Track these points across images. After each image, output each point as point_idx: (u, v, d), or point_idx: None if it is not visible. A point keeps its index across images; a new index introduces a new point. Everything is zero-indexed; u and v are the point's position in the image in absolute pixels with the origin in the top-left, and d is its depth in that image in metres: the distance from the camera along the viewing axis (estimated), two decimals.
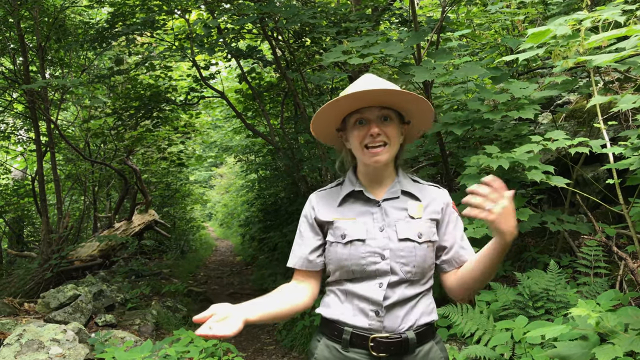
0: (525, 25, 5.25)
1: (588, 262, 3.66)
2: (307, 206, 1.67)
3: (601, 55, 1.92)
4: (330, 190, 1.67)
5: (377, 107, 1.54)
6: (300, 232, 1.65)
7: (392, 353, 1.51)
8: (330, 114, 1.58)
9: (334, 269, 1.57)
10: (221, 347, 4.03)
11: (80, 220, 9.58)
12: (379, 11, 6.50)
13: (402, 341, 1.51)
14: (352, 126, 1.57)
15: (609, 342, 2.27)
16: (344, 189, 1.64)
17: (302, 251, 1.62)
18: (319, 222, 1.62)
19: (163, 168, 11.88)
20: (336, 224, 1.57)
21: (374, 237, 1.53)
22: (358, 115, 1.55)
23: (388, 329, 1.51)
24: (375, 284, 1.52)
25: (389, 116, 1.56)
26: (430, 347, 1.57)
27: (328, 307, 1.60)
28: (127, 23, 6.46)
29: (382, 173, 1.61)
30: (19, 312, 5.24)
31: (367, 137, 1.53)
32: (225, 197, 21.81)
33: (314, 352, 1.61)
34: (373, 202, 1.59)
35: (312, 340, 1.67)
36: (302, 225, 1.66)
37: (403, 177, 1.64)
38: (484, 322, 3.32)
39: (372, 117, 1.54)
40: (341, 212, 1.60)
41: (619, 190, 3.11)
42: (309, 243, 1.62)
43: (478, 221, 3.57)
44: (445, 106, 4.86)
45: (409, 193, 1.61)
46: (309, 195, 1.72)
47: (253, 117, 9.59)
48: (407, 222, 1.55)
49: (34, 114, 7.15)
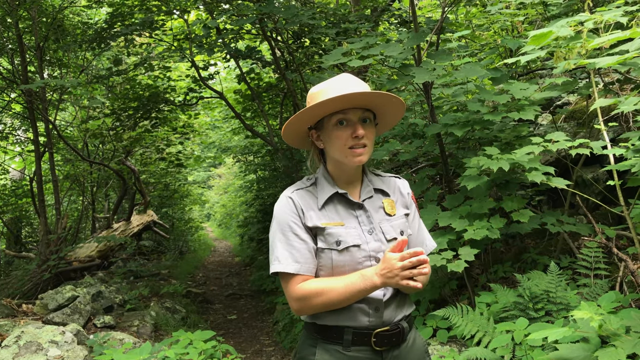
0: (525, 26, 5.25)
1: (588, 264, 3.65)
2: (291, 207, 1.57)
3: (604, 57, 1.91)
4: (307, 190, 1.62)
5: (360, 108, 1.55)
6: (294, 234, 1.54)
7: (393, 344, 1.57)
8: (311, 113, 1.57)
9: (327, 275, 1.56)
10: (220, 349, 4.03)
11: (79, 220, 9.55)
12: (378, 12, 6.50)
13: (400, 331, 1.58)
14: (333, 126, 1.56)
15: (611, 345, 2.26)
16: (322, 190, 1.60)
17: (304, 256, 1.53)
18: (308, 225, 1.56)
19: (162, 168, 11.86)
20: (328, 230, 1.55)
21: (367, 241, 1.56)
22: (341, 116, 1.55)
23: (386, 322, 1.56)
24: None
25: (369, 118, 1.58)
26: (415, 334, 1.68)
27: (322, 316, 1.56)
28: (125, 23, 6.44)
29: (354, 173, 1.64)
30: (17, 314, 5.22)
31: (351, 138, 1.54)
32: (223, 198, 21.79)
33: (311, 358, 1.58)
34: (355, 205, 1.60)
35: (303, 348, 1.62)
36: (293, 226, 1.55)
37: (370, 174, 1.69)
38: (484, 323, 3.31)
39: (355, 118, 1.55)
40: (327, 216, 1.57)
41: (620, 191, 3.11)
42: (307, 246, 1.54)
43: (478, 222, 3.57)
44: (445, 107, 4.85)
45: (380, 190, 1.66)
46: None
47: (252, 118, 9.58)
48: (388, 221, 1.61)
49: (32, 114, 7.13)
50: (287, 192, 1.62)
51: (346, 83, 1.56)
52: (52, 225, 7.60)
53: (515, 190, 3.88)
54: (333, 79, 1.60)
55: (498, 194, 4.23)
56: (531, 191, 4.67)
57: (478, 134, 4.25)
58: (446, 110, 4.81)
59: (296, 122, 1.59)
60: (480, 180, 3.50)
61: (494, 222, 3.57)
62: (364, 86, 1.57)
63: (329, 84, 1.58)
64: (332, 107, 1.53)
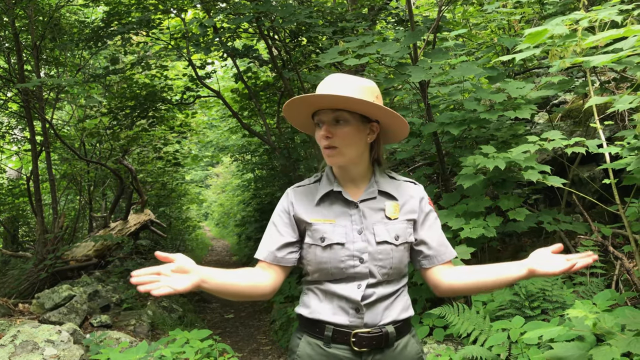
0: (522, 25, 5.25)
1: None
2: (284, 201, 1.65)
3: (599, 55, 1.91)
4: (308, 187, 1.66)
5: (330, 109, 1.54)
6: (275, 226, 1.62)
7: (373, 347, 1.54)
8: (297, 112, 1.61)
9: (313, 270, 1.58)
10: (217, 348, 4.02)
11: (76, 220, 9.54)
12: (375, 11, 6.50)
13: (382, 335, 1.54)
14: (315, 126, 1.60)
15: (606, 343, 2.27)
16: (321, 187, 1.63)
17: (272, 245, 1.60)
18: (297, 220, 1.61)
19: (159, 168, 11.83)
20: (315, 226, 1.57)
21: (353, 241, 1.54)
22: (317, 117, 1.58)
23: (369, 324, 1.54)
24: (354, 285, 1.54)
25: (343, 118, 1.54)
26: (407, 340, 1.61)
27: (308, 307, 1.60)
28: (122, 22, 6.43)
29: (353, 172, 1.61)
30: (13, 313, 5.21)
31: (322, 139, 1.55)
32: (221, 197, 21.77)
33: (295, 350, 1.62)
34: (351, 204, 1.59)
35: (292, 338, 1.67)
36: (277, 219, 1.63)
37: (380, 176, 1.64)
38: (480, 322, 3.32)
39: (326, 119, 1.55)
40: (319, 212, 1.59)
41: (616, 190, 3.11)
42: (280, 239, 1.60)
43: (474, 221, 3.58)
44: (442, 106, 4.85)
45: (385, 193, 1.61)
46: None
47: (249, 117, 9.56)
48: (384, 224, 1.57)
49: (29, 113, 7.11)
50: (289, 187, 1.69)
51: (328, 84, 1.55)
52: (49, 225, 7.57)
53: (511, 188, 3.89)
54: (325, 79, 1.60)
55: (494, 192, 4.24)
56: (527, 190, 4.68)
57: (474, 133, 4.26)
58: (443, 109, 4.81)
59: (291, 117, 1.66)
60: (476, 179, 3.50)
61: (491, 221, 3.58)
62: (339, 88, 1.52)
63: (320, 85, 1.59)
64: (301, 108, 1.58)
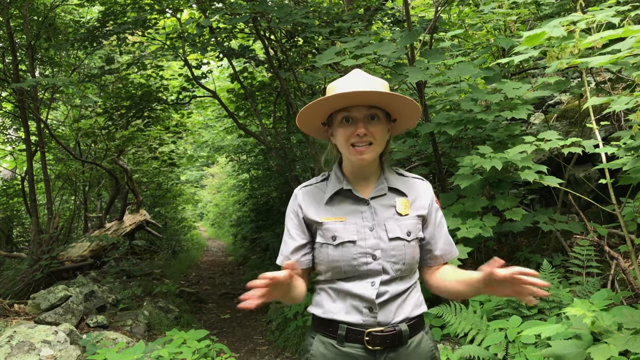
0: (518, 25, 5.27)
1: (580, 262, 3.68)
2: (293, 203, 1.65)
3: (597, 57, 1.92)
4: (315, 186, 1.66)
5: (365, 106, 1.53)
6: (288, 230, 1.64)
7: (386, 345, 1.53)
8: (317, 110, 1.57)
9: (326, 270, 1.58)
10: (214, 348, 4.02)
11: (71, 220, 9.49)
12: (372, 11, 6.50)
13: (396, 334, 1.54)
14: (339, 123, 1.56)
15: (604, 342, 2.28)
16: (330, 185, 1.62)
17: (286, 250, 1.62)
18: (307, 221, 1.61)
19: (154, 168, 11.80)
20: (325, 225, 1.56)
21: (365, 238, 1.54)
22: (345, 113, 1.54)
23: (382, 323, 1.53)
24: (368, 282, 1.53)
25: (377, 115, 1.54)
26: (421, 338, 1.61)
27: (321, 306, 1.60)
28: (118, 22, 6.40)
29: (367, 169, 1.61)
30: (8, 314, 5.18)
31: (353, 136, 1.52)
32: (216, 197, 21.74)
33: (309, 349, 1.61)
34: (362, 201, 1.58)
35: (306, 337, 1.67)
36: (289, 221, 1.64)
37: (389, 173, 1.65)
38: (477, 321, 3.33)
39: (360, 116, 1.53)
40: (330, 211, 1.59)
41: (612, 190, 3.13)
42: (293, 243, 1.61)
43: (471, 221, 3.59)
44: (438, 106, 4.86)
45: (395, 189, 1.61)
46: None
47: (245, 117, 9.55)
48: (395, 220, 1.57)
49: (24, 113, 7.07)
50: (297, 188, 1.68)
51: (354, 80, 1.54)
52: (44, 225, 7.54)
53: (508, 188, 3.90)
54: (346, 75, 1.59)
55: (491, 192, 4.25)
56: (524, 190, 4.70)
57: (471, 133, 4.27)
58: (439, 110, 4.83)
59: (307, 117, 1.60)
60: (473, 179, 3.51)
61: (487, 221, 3.59)
62: (373, 83, 1.53)
63: (339, 81, 1.56)
64: (334, 104, 1.53)
